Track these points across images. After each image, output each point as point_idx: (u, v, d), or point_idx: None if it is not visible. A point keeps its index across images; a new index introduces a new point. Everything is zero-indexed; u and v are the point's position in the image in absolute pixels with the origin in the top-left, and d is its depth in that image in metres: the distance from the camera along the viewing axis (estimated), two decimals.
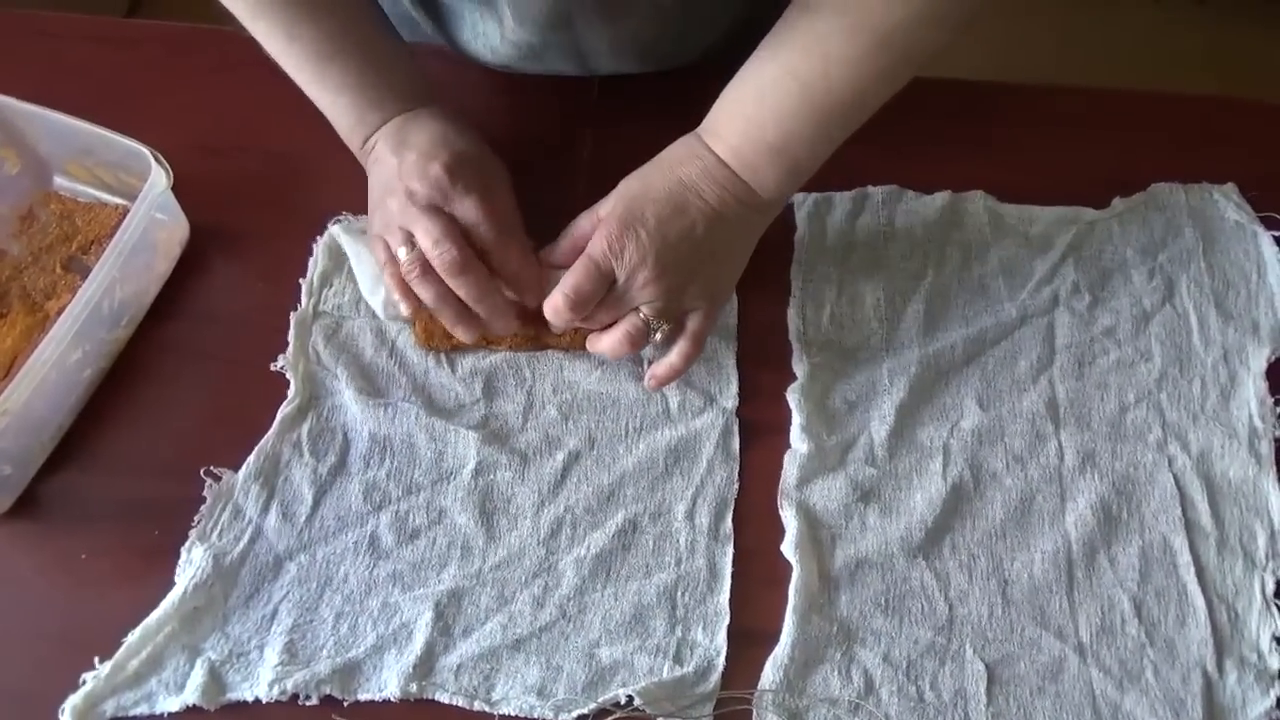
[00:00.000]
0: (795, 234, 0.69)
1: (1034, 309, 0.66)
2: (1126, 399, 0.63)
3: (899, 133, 0.74)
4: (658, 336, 0.60)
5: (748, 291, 0.65)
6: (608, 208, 0.59)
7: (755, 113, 0.58)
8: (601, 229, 0.58)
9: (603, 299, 0.59)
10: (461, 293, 0.59)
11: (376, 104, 0.63)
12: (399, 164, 0.60)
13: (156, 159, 0.62)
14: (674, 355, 0.61)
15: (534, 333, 0.64)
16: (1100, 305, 0.67)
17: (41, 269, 0.67)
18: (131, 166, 0.65)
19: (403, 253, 0.59)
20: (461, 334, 0.61)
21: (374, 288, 0.65)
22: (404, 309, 0.61)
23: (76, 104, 0.66)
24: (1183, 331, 0.66)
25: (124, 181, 0.68)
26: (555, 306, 0.59)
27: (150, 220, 0.62)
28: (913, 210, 0.70)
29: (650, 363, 0.64)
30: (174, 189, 0.64)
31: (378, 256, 0.62)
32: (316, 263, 0.68)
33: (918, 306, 0.66)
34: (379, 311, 0.65)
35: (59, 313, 0.60)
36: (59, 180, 0.70)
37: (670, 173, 0.59)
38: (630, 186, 0.60)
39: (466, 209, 0.59)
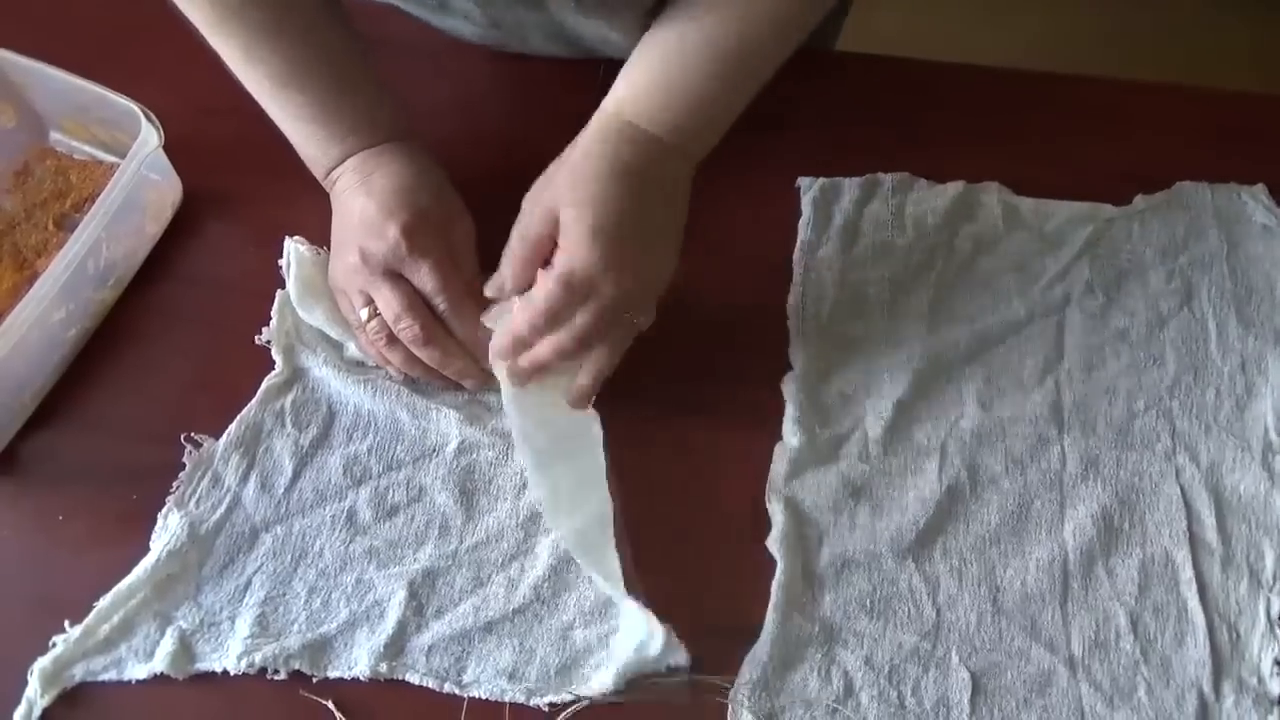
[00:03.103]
0: (799, 219, 0.67)
1: (1044, 307, 0.64)
2: (1135, 405, 0.61)
3: (917, 120, 0.72)
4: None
5: (747, 276, 0.63)
6: (567, 214, 0.54)
7: (677, 85, 0.56)
8: (565, 247, 0.54)
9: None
10: (426, 360, 0.59)
11: (339, 137, 0.60)
12: (358, 214, 0.59)
13: (148, 117, 0.61)
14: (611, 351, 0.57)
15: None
16: (1114, 306, 0.64)
17: (34, 225, 0.66)
18: (127, 125, 0.64)
19: (364, 314, 0.59)
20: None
21: (344, 334, 0.63)
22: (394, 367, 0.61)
23: (77, 60, 0.65)
24: (1200, 337, 0.63)
25: (119, 140, 0.67)
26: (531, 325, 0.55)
27: (140, 179, 0.61)
28: (923, 200, 0.68)
29: None
30: (170, 150, 0.63)
31: (344, 314, 0.62)
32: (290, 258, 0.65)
33: (922, 299, 0.64)
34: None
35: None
36: (55, 136, 0.70)
37: (614, 161, 0.55)
38: (571, 184, 0.55)
39: (423, 278, 0.58)
